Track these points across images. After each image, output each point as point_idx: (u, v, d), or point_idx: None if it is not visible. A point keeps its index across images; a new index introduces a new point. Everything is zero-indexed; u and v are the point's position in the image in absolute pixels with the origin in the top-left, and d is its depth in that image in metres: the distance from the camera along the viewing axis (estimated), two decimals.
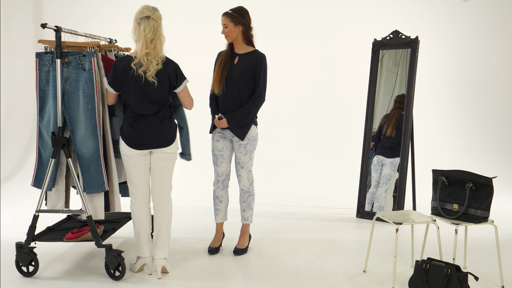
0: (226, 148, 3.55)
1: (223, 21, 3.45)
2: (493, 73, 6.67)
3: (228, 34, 3.45)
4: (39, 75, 3.16)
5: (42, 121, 3.19)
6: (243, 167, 3.53)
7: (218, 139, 3.54)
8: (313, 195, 5.51)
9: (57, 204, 3.22)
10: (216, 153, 3.56)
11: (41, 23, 3.22)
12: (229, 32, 3.45)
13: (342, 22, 6.61)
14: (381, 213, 3.18)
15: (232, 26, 3.43)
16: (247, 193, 3.61)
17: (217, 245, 3.64)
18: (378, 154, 4.63)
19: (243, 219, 3.66)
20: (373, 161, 4.65)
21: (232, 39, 3.47)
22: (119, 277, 3.09)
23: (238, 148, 3.50)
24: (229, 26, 3.43)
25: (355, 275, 3.21)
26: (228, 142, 3.56)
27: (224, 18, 3.45)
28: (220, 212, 3.64)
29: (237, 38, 3.48)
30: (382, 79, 4.68)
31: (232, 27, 3.43)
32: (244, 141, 3.47)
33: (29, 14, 6.75)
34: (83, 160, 3.11)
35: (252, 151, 3.52)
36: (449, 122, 6.64)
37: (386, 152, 4.59)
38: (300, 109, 6.65)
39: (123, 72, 2.98)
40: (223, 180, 3.60)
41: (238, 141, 3.48)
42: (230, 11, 3.45)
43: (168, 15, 6.40)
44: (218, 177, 3.60)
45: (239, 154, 3.51)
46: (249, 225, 3.67)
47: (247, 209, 3.63)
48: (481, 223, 2.90)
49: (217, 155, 3.56)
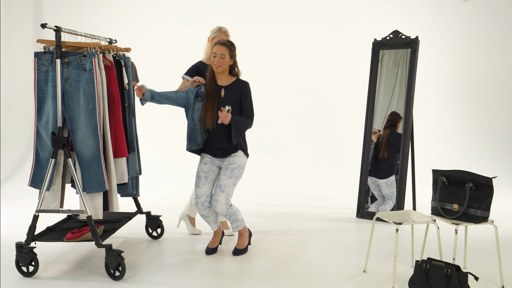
0: (212, 172, 3.51)
1: (221, 51, 3.33)
2: (493, 73, 6.67)
3: (221, 65, 3.35)
4: (38, 75, 3.15)
5: (41, 121, 3.19)
6: (223, 191, 3.39)
7: (206, 163, 3.50)
8: (313, 195, 5.51)
9: (52, 204, 3.21)
10: (201, 175, 3.49)
11: (41, 23, 3.22)
12: (224, 63, 3.35)
13: (342, 22, 6.61)
14: (381, 213, 3.18)
15: (228, 58, 3.35)
16: (227, 215, 3.47)
17: (215, 245, 3.62)
18: (371, 176, 4.64)
19: (233, 229, 3.59)
20: (368, 181, 4.66)
21: (223, 69, 3.38)
22: (119, 277, 3.09)
23: (225, 170, 3.44)
24: (226, 57, 3.34)
25: (355, 275, 3.21)
26: (216, 168, 3.52)
27: (223, 48, 3.33)
28: (211, 222, 3.59)
29: (226, 70, 3.42)
30: (382, 79, 4.68)
31: (228, 59, 3.36)
32: (233, 165, 3.44)
33: (29, 14, 6.75)
34: (83, 160, 3.11)
35: (238, 177, 3.46)
36: (449, 122, 6.64)
37: (378, 174, 4.59)
38: (300, 109, 6.64)
39: None
40: (203, 202, 3.47)
41: (228, 164, 3.44)
42: (229, 43, 3.36)
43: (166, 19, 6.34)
44: (197, 198, 3.47)
45: (223, 176, 3.43)
46: (245, 226, 3.65)
47: (233, 222, 3.55)
48: (481, 223, 2.90)
49: (201, 176, 3.48)
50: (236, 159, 3.47)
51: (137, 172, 3.72)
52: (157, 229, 3.95)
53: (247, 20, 6.51)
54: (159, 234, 3.96)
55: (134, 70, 3.82)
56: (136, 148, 3.73)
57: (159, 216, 3.94)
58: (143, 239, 3.94)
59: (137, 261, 3.44)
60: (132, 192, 3.73)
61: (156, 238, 3.95)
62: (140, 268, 3.31)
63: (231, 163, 3.46)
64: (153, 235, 3.97)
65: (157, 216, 3.93)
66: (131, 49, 3.82)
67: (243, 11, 6.59)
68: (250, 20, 6.53)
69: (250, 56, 5.86)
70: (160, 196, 5.39)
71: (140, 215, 4.19)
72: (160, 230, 3.96)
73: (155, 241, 3.90)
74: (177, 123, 6.50)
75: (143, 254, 3.58)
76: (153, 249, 3.71)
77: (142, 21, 6.69)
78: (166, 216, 4.49)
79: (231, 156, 3.48)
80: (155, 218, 3.92)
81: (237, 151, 3.48)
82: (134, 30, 6.61)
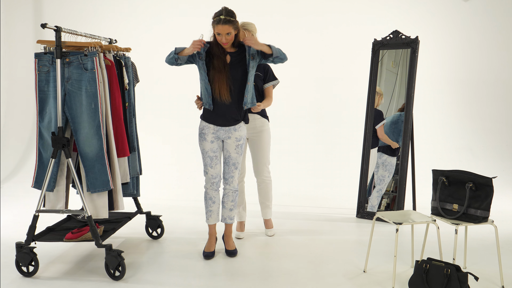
0: (220, 149, 3.49)
1: (226, 30, 3.17)
2: (493, 73, 6.67)
3: (229, 41, 3.24)
4: (39, 76, 3.15)
5: (43, 121, 3.19)
6: (236, 168, 3.48)
7: (213, 140, 3.43)
8: (313, 195, 5.51)
9: (57, 205, 3.21)
10: (211, 155, 3.45)
11: (41, 23, 3.22)
12: (231, 38, 3.23)
13: (342, 22, 6.61)
14: (381, 213, 3.18)
15: (233, 31, 3.22)
16: (236, 192, 3.56)
17: (212, 249, 3.58)
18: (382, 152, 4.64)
19: (228, 218, 3.59)
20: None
21: (230, 44, 3.29)
22: (119, 277, 3.09)
23: (235, 148, 3.44)
24: (231, 33, 3.21)
25: (355, 275, 3.21)
26: (220, 142, 3.48)
27: (227, 27, 3.17)
28: (213, 213, 3.58)
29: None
30: (382, 79, 4.68)
31: (233, 33, 3.22)
32: (241, 141, 3.44)
33: (29, 14, 6.75)
34: (87, 160, 3.11)
35: (245, 150, 3.51)
36: (449, 122, 6.64)
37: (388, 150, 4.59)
38: (299, 109, 6.64)
39: None
40: (217, 182, 3.52)
41: (236, 141, 3.41)
42: (229, 18, 3.19)
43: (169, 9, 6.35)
44: (212, 179, 3.49)
45: (235, 155, 3.45)
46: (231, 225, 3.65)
47: (234, 208, 3.58)
48: (481, 223, 2.90)
49: (212, 156, 3.45)
50: (242, 133, 3.44)
51: (138, 172, 3.72)
52: (157, 229, 3.95)
53: (247, 16, 6.48)
54: (159, 234, 3.96)
55: (134, 70, 3.82)
56: (137, 148, 3.73)
57: (159, 216, 3.94)
58: (143, 239, 3.94)
59: (137, 261, 3.44)
60: (133, 192, 3.73)
61: (156, 238, 3.95)
62: (140, 268, 3.31)
63: (239, 139, 3.44)
64: (153, 235, 3.97)
65: (157, 216, 3.93)
66: (131, 49, 3.82)
67: (243, 7, 6.57)
68: (250, 17, 6.51)
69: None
70: (160, 196, 5.39)
71: (140, 215, 4.19)
72: (160, 230, 3.96)
73: (155, 241, 3.90)
74: (177, 123, 6.51)
75: (143, 254, 3.58)
76: (153, 249, 3.71)
77: (142, 21, 6.69)
78: (166, 216, 4.49)
79: (236, 129, 3.42)
80: (155, 218, 3.92)
81: (241, 122, 3.45)
82: (134, 30, 6.61)
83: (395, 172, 4.55)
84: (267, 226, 4.12)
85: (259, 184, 4.03)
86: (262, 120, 3.90)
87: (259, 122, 3.88)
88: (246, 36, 3.66)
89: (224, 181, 3.55)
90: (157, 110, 6.64)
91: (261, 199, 4.07)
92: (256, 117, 3.86)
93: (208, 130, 3.42)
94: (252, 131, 3.87)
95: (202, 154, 3.48)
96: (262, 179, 4.00)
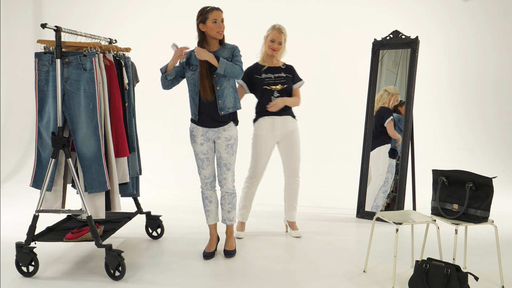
0: (210, 150, 3.48)
1: (221, 15, 3.31)
2: (493, 73, 6.67)
3: (223, 29, 3.33)
4: (38, 75, 3.16)
5: (42, 121, 3.19)
6: (229, 169, 3.47)
7: (203, 142, 3.44)
8: (313, 195, 5.51)
9: (54, 205, 3.21)
10: (202, 157, 3.47)
11: (41, 23, 3.22)
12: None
13: (342, 22, 6.61)
14: (381, 213, 3.18)
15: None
16: (232, 194, 3.54)
17: (212, 249, 3.57)
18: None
19: (228, 220, 3.59)
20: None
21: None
22: (119, 277, 3.09)
23: (226, 148, 3.43)
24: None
25: (355, 275, 3.21)
26: (212, 144, 3.48)
27: (221, 13, 3.30)
28: (211, 213, 3.59)
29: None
30: (382, 79, 4.68)
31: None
32: (231, 141, 3.43)
33: (29, 14, 6.75)
34: (85, 160, 3.11)
35: (236, 151, 3.50)
36: (449, 122, 6.65)
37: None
38: (299, 109, 6.62)
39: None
40: (210, 182, 3.53)
41: (226, 141, 3.41)
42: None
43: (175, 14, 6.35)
44: (206, 179, 3.51)
45: (226, 155, 3.44)
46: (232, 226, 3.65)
47: (232, 210, 3.58)
48: (481, 223, 2.89)
49: (203, 158, 3.47)
50: (232, 133, 3.44)
51: (137, 172, 3.72)
52: (157, 229, 3.95)
53: (247, 17, 6.50)
54: (159, 234, 3.96)
55: (134, 70, 3.82)
56: (136, 148, 3.73)
57: (159, 216, 3.94)
58: (143, 239, 3.94)
59: (137, 261, 3.44)
60: (132, 192, 3.73)
61: (156, 238, 3.95)
62: (140, 268, 3.31)
63: (228, 139, 3.43)
64: (153, 235, 3.97)
65: (157, 216, 3.93)
66: (131, 49, 3.82)
67: (242, 8, 6.58)
68: (249, 17, 6.52)
69: (248, 55, 5.85)
70: (160, 196, 5.39)
71: (140, 215, 4.19)
72: (160, 230, 3.96)
73: (155, 241, 3.90)
74: (177, 123, 6.51)
75: (143, 254, 3.58)
76: (153, 249, 3.71)
77: (142, 21, 6.69)
78: (166, 216, 4.49)
79: (225, 129, 3.42)
80: (155, 218, 3.92)
81: (230, 122, 3.44)
82: (134, 30, 6.61)
83: (395, 172, 4.55)
84: (293, 227, 4.11)
85: (291, 185, 4.02)
86: (292, 120, 3.96)
87: (290, 124, 3.93)
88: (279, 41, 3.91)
89: (218, 183, 3.55)
90: (157, 109, 6.64)
91: (289, 200, 4.07)
92: (288, 119, 3.93)
93: (197, 132, 3.44)
94: (282, 132, 3.90)
95: (194, 156, 3.51)
96: (294, 180, 4.01)
